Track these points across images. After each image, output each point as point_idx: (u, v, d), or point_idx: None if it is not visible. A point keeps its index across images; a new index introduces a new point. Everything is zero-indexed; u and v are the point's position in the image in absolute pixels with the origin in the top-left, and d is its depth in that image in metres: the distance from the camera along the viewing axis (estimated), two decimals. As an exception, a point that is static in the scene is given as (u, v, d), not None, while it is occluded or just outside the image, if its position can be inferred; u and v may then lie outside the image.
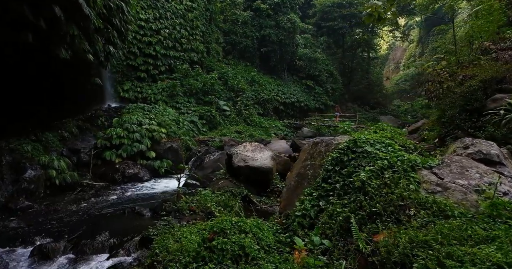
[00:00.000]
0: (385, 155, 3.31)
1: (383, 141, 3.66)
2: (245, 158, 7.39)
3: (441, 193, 2.55)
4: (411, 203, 2.55)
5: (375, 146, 3.61)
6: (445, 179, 2.67)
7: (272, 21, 25.63)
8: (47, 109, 10.47)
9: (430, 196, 2.52)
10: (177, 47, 19.06)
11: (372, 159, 3.41)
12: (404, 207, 2.58)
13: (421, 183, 2.76)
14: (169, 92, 17.34)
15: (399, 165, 3.06)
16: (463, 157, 2.96)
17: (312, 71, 27.97)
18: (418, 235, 2.07)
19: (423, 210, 2.43)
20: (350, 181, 3.41)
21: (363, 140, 3.76)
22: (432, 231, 2.07)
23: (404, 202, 2.62)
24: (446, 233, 1.99)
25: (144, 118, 12.27)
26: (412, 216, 2.42)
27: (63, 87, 10.41)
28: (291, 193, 4.36)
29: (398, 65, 63.79)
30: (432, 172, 2.85)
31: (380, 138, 3.81)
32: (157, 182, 10.06)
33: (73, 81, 11.62)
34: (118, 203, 7.57)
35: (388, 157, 3.25)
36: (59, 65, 8.52)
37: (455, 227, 2.03)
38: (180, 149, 12.15)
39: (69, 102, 12.12)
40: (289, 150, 10.98)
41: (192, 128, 15.65)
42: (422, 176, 2.84)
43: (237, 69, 24.47)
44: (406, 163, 3.03)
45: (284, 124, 22.02)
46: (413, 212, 2.45)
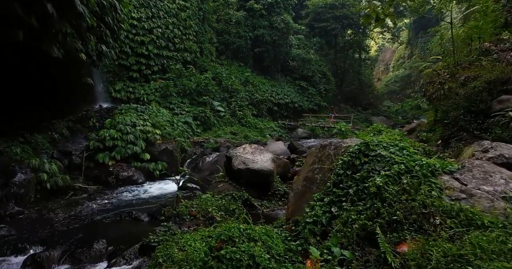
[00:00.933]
0: (401, 159, 3.21)
1: (396, 144, 3.57)
2: (245, 161, 7.24)
3: (466, 200, 2.47)
4: (435, 211, 2.44)
5: (389, 149, 3.51)
6: (469, 186, 2.59)
7: (265, 21, 25.53)
8: (35, 110, 10.09)
9: (455, 203, 2.42)
10: (170, 46, 18.75)
11: (387, 163, 3.30)
12: (427, 215, 2.48)
13: (444, 190, 2.67)
14: (162, 93, 17.03)
15: (417, 169, 2.96)
16: (484, 162, 2.89)
17: (305, 72, 28.01)
18: (451, 248, 1.96)
19: (449, 219, 2.33)
20: (365, 186, 3.30)
21: (375, 143, 3.66)
22: (467, 244, 1.96)
23: (427, 210, 2.52)
24: (485, 246, 1.88)
25: (138, 119, 11.97)
26: (438, 226, 2.32)
27: (52, 86, 10.05)
28: (298, 198, 4.23)
29: (387, 66, 64.70)
30: (454, 177, 2.76)
31: (393, 141, 3.72)
32: (152, 185, 9.80)
33: (63, 81, 11.24)
34: (113, 208, 7.31)
35: (405, 161, 3.15)
36: (49, 64, 8.20)
37: (493, 239, 1.93)
38: (175, 150, 11.90)
39: (59, 102, 11.73)
40: (287, 152, 10.88)
41: (186, 129, 15.40)
42: (444, 182, 2.75)
43: (231, 70, 24.28)
44: (425, 168, 2.94)
45: (278, 125, 21.95)
46: (438, 221, 2.35)
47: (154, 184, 9.90)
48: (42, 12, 6.10)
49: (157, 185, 9.87)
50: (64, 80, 10.83)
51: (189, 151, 12.28)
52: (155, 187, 9.56)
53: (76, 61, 9.54)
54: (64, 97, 12.24)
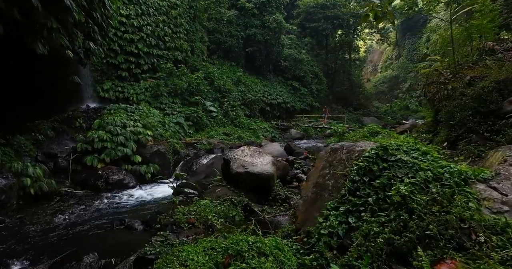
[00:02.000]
0: (427, 165, 2.97)
1: (418, 148, 3.33)
2: (244, 164, 6.93)
3: (510, 213, 2.25)
4: (476, 226, 2.20)
5: (410, 154, 3.27)
6: (511, 196, 2.37)
7: (257, 20, 25.24)
8: (18, 109, 9.50)
9: (499, 217, 2.19)
10: (161, 45, 18.22)
11: (410, 170, 3.06)
12: (467, 230, 2.23)
13: (481, 201, 2.44)
14: (152, 92, 16.50)
15: (447, 177, 2.73)
16: (522, 169, 2.70)
17: (297, 72, 27.87)
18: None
19: (494, 236, 2.09)
20: (386, 195, 3.05)
21: (394, 147, 3.41)
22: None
23: (466, 224, 2.27)
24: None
25: (128, 119, 11.48)
26: (483, 244, 2.08)
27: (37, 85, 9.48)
28: (309, 206, 3.95)
29: (375, 67, 65.49)
30: (490, 186, 2.54)
31: (414, 144, 3.48)
32: (144, 189, 9.36)
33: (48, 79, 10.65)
34: (104, 214, 6.86)
35: (431, 167, 2.91)
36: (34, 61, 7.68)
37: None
38: (167, 152, 11.47)
39: (43, 102, 11.12)
40: (284, 154, 10.62)
41: (178, 130, 14.94)
42: (479, 192, 2.52)
43: (223, 69, 23.88)
44: (456, 175, 2.70)
45: (271, 125, 21.68)
46: (482, 238, 2.11)
47: (146, 188, 9.47)
48: (26, 4, 5.63)
49: (149, 188, 9.44)
50: (49, 79, 10.24)
51: (182, 153, 11.87)
52: (148, 191, 9.12)
53: (62, 58, 9.03)
54: (49, 96, 11.62)
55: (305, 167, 8.93)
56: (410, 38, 53.65)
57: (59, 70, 10.06)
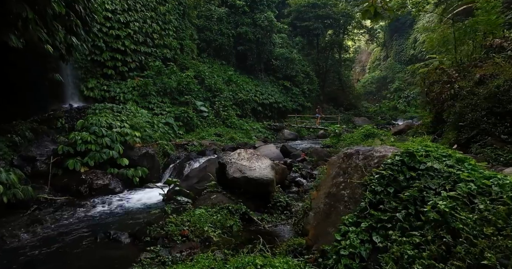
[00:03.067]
0: (467, 175, 2.55)
1: (450, 155, 2.92)
2: (241, 168, 6.43)
3: None
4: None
5: (443, 161, 2.85)
6: None
7: (248, 18, 24.73)
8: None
9: None
10: (149, 42, 17.48)
11: (446, 180, 2.64)
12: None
13: (547, 222, 2.04)
14: (140, 91, 15.77)
15: (497, 191, 2.32)
16: None
17: (289, 72, 27.50)
18: None
19: None
20: (419, 210, 2.61)
21: (423, 153, 2.99)
22: None
23: (534, 252, 1.86)
24: None
25: (114, 120, 10.77)
26: None
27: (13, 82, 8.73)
28: (321, 220, 3.49)
29: (363, 68, 66.01)
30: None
31: (444, 149, 3.07)
32: (132, 194, 8.73)
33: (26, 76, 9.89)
34: (86, 225, 6.22)
35: (474, 178, 2.50)
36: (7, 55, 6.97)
37: None
38: (157, 154, 10.84)
39: (21, 101, 10.34)
40: (280, 156, 10.17)
41: (167, 131, 14.28)
42: (542, 210, 2.13)
43: (213, 68, 23.27)
44: (509, 189, 2.29)
45: (263, 126, 21.21)
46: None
47: (134, 193, 8.83)
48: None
49: (137, 194, 8.81)
50: (27, 75, 9.49)
51: (172, 155, 11.25)
52: (136, 196, 8.49)
53: (41, 53, 8.31)
54: (28, 94, 10.82)
55: (304, 170, 8.50)
56: (398, 39, 54.23)
57: (38, 66, 9.33)
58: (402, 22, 52.28)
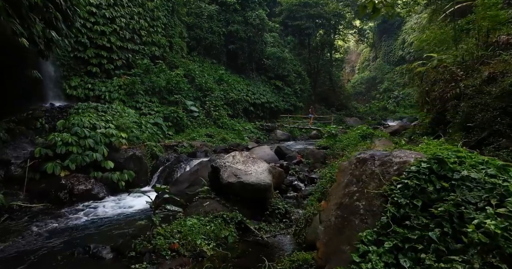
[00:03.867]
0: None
1: (488, 161, 2.51)
2: (236, 172, 5.94)
3: None
4: None
5: (481, 169, 2.44)
6: None
7: (239, 16, 24.21)
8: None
9: None
10: (136, 39, 16.75)
11: (490, 193, 2.23)
12: None
13: None
14: (127, 90, 15.04)
15: (561, 208, 1.92)
16: None
17: (280, 71, 27.11)
18: None
19: None
20: (458, 229, 2.18)
21: (455, 160, 2.57)
22: None
23: None
24: None
25: (98, 120, 10.11)
26: None
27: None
28: (333, 235, 3.04)
29: (353, 68, 66.48)
30: None
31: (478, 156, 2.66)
32: (117, 200, 8.12)
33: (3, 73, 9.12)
34: (63, 237, 5.59)
35: (526, 191, 2.10)
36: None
37: None
38: (144, 157, 10.23)
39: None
40: (275, 158, 9.71)
41: (156, 132, 13.64)
42: None
43: (204, 67, 22.66)
44: None
45: (255, 126, 20.71)
46: None
47: (119, 199, 8.23)
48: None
49: (123, 200, 8.21)
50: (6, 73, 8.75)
51: (161, 157, 10.66)
52: (121, 203, 7.90)
53: (16, 48, 7.61)
54: (5, 93, 10.03)
55: (301, 173, 8.06)
56: (386, 40, 54.83)
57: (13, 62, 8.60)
58: (391, 24, 52.87)
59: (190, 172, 7.92)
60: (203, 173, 7.69)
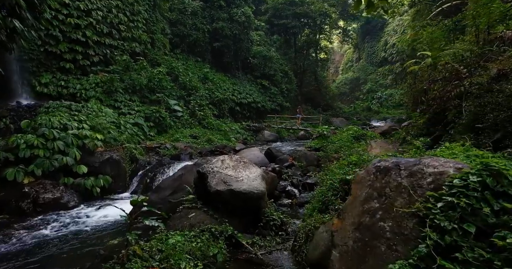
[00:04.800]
0: None
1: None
2: (225, 179, 5.28)
3: None
4: None
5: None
6: None
7: (225, 13, 23.47)
8: None
9: None
10: (115, 34, 15.69)
11: None
12: None
13: None
14: (105, 88, 14.00)
15: None
16: None
17: (267, 70, 26.55)
18: None
19: None
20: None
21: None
22: None
23: None
24: None
25: (71, 120, 9.16)
26: None
27: None
28: (352, 265, 2.44)
29: (337, 69, 67.08)
30: None
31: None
32: (90, 210, 7.26)
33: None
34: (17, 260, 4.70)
35: None
36: None
37: None
38: (123, 160, 9.36)
39: None
40: (265, 160, 9.09)
41: (136, 132, 12.72)
42: None
43: (188, 65, 21.77)
44: None
45: (242, 126, 20.01)
46: None
47: (92, 208, 7.36)
48: None
49: (97, 209, 7.36)
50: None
51: (141, 160, 9.81)
52: (94, 213, 7.04)
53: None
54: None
55: (294, 178, 7.47)
56: (369, 42, 55.62)
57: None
58: (373, 25, 53.69)
59: (173, 178, 7.16)
60: (188, 179, 6.97)
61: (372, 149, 7.58)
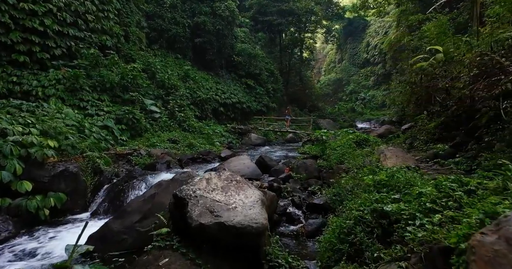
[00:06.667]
0: None
1: None
2: (212, 207, 3.81)
3: None
4: None
5: None
6: None
7: (207, 7, 21.88)
8: None
9: None
10: (81, 24, 13.75)
11: None
12: None
13: None
14: (68, 85, 12.08)
15: None
16: None
17: (252, 69, 25.14)
18: None
19: None
20: None
21: None
22: None
23: None
24: None
25: (14, 123, 7.35)
26: None
27: None
28: None
29: (319, 70, 66.89)
30: None
31: None
32: (30, 241, 5.54)
33: None
34: None
35: None
36: None
37: None
38: (82, 172, 7.63)
39: None
40: (257, 171, 7.63)
41: (105, 137, 10.94)
42: None
43: (166, 62, 20.00)
44: None
45: (226, 129, 18.43)
46: None
47: (33, 239, 5.64)
48: None
49: (42, 239, 5.64)
50: None
51: (107, 172, 8.11)
52: (36, 246, 5.33)
53: None
54: None
55: (295, 195, 6.07)
56: (351, 43, 55.77)
57: None
58: (356, 26, 53.80)
59: (144, 198, 5.59)
60: (162, 199, 5.45)
61: (387, 160, 6.33)
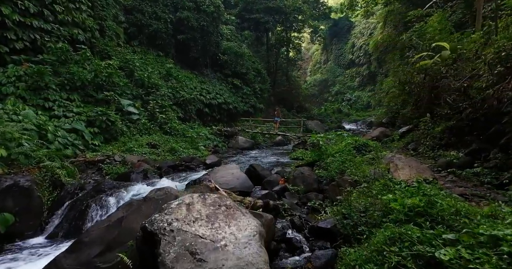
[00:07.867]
0: None
1: None
2: (194, 246, 2.76)
3: None
4: None
5: None
6: None
7: (190, 2, 20.66)
8: None
9: None
10: (47, 15, 12.26)
11: None
12: None
13: None
14: (31, 83, 10.64)
15: None
16: None
17: (238, 68, 24.07)
18: None
19: None
20: None
21: None
22: None
23: None
24: None
25: (-50, 128, 6.00)
26: None
27: None
28: None
29: (305, 71, 66.76)
30: None
31: None
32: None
33: None
34: None
35: None
36: None
37: None
38: (38, 186, 6.35)
39: None
40: (247, 183, 6.56)
41: (73, 141, 9.62)
42: None
43: (147, 59, 18.64)
44: None
45: (212, 131, 17.25)
46: None
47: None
48: None
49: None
50: None
51: (70, 185, 6.84)
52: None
53: None
54: None
55: (295, 214, 5.07)
56: (337, 44, 55.94)
57: None
58: (341, 27, 53.90)
59: (108, 223, 4.44)
60: (132, 225, 4.33)
61: (398, 171, 5.47)
